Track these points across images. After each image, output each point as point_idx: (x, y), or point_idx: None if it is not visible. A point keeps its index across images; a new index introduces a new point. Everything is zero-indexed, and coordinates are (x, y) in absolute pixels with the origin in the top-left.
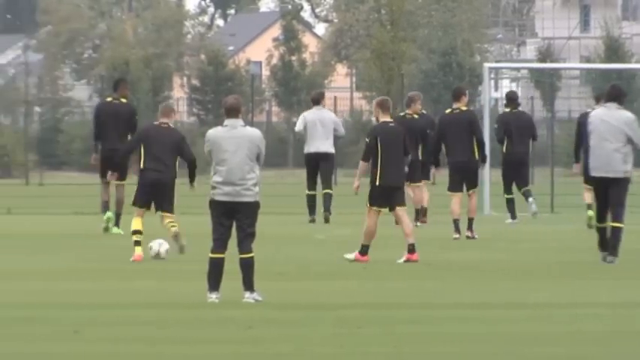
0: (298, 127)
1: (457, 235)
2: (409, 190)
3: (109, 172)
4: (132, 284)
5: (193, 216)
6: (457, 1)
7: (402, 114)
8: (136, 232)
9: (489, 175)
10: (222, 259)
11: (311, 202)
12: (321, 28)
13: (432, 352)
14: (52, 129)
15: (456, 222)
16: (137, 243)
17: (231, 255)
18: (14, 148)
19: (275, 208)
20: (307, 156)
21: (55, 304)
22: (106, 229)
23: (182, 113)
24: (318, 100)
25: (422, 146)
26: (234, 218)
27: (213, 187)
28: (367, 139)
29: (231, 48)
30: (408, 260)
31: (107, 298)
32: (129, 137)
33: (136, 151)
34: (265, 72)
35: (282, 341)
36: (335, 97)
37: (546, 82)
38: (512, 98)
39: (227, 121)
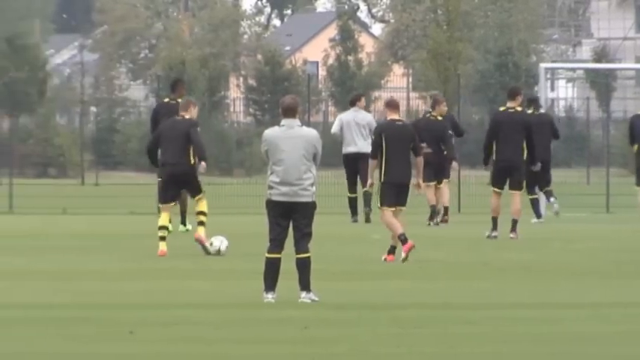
0: (334, 129)
1: (495, 233)
2: (426, 190)
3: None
4: (187, 284)
5: (250, 216)
6: (513, 2)
7: (426, 115)
8: (161, 228)
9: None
10: (278, 259)
11: (352, 203)
12: (377, 29)
13: (487, 352)
14: (108, 129)
15: (494, 220)
16: (162, 239)
17: (288, 255)
18: (70, 148)
19: (331, 208)
20: (345, 157)
21: (110, 305)
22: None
23: (238, 113)
24: (354, 102)
25: (444, 147)
26: (291, 218)
27: (270, 187)
28: (372, 136)
29: (287, 48)
30: (386, 260)
31: (162, 298)
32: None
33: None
34: (322, 72)
35: (337, 341)
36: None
37: (602, 83)
38: (532, 100)
39: (284, 121)
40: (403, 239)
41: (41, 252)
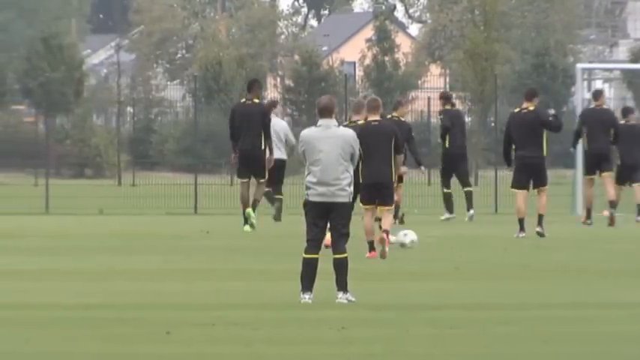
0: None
1: (522, 234)
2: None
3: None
4: (224, 285)
5: (287, 216)
6: (550, 2)
7: (392, 117)
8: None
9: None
10: (315, 260)
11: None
12: (414, 29)
13: (524, 352)
14: (145, 129)
15: (521, 221)
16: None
17: (325, 255)
18: (107, 148)
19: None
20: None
21: (147, 305)
22: (251, 225)
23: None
24: (269, 109)
25: (409, 148)
26: (328, 219)
27: (308, 188)
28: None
29: (324, 48)
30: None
31: (199, 298)
32: (262, 136)
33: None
34: (359, 72)
35: (374, 342)
36: (429, 98)
37: (639, 83)
38: (627, 109)
39: (321, 122)
40: (370, 246)
41: (78, 253)
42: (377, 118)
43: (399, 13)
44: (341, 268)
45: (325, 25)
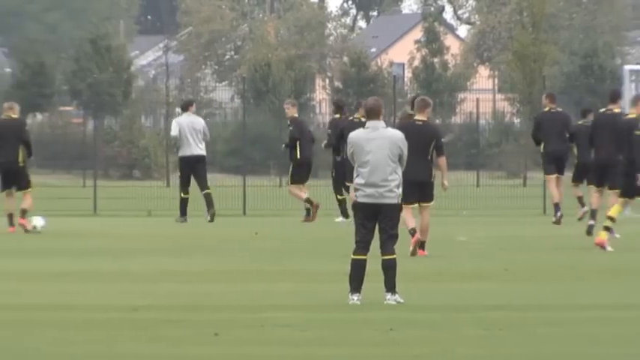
0: (174, 132)
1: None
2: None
3: None
4: (272, 286)
5: (335, 217)
6: (598, 4)
7: (350, 117)
8: None
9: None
10: (364, 261)
11: (185, 204)
12: (463, 30)
13: (572, 353)
14: None
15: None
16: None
17: (373, 257)
18: (155, 149)
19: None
20: (182, 159)
21: (195, 307)
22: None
23: (324, 115)
24: (186, 107)
25: None
26: (376, 220)
27: (356, 189)
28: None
29: (373, 50)
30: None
31: (247, 300)
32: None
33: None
34: (407, 74)
35: (422, 343)
36: (477, 99)
37: None
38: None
39: (368, 123)
40: (412, 233)
41: (126, 254)
42: (424, 118)
43: (448, 14)
44: (389, 269)
45: (374, 27)
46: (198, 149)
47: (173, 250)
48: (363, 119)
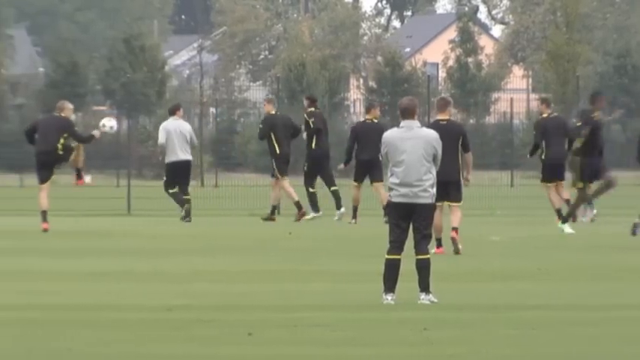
0: (161, 139)
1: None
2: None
3: None
4: (306, 286)
5: (369, 217)
6: (631, 4)
7: (361, 119)
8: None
9: None
10: (398, 261)
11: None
12: (497, 30)
13: (607, 353)
14: (228, 130)
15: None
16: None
17: (407, 257)
18: None
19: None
20: (172, 165)
21: (229, 306)
22: None
23: (359, 115)
24: (173, 112)
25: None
26: (410, 220)
27: (390, 189)
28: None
29: (407, 49)
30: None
31: (281, 300)
32: None
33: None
34: (442, 73)
35: (456, 343)
36: (511, 99)
37: None
38: (546, 100)
39: (403, 123)
40: (438, 242)
41: (160, 254)
42: (446, 116)
43: (482, 14)
44: (423, 269)
45: (408, 27)
46: (186, 154)
47: (207, 249)
48: (375, 120)
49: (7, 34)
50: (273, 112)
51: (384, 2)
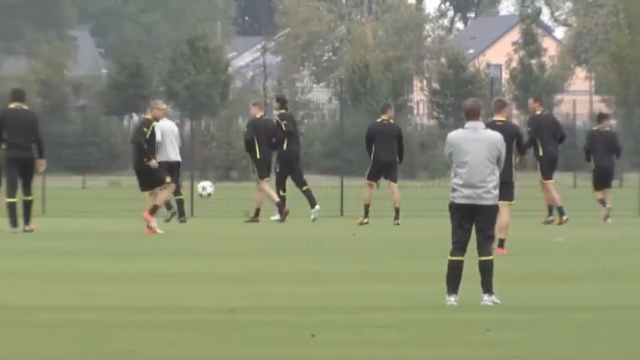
0: (158, 138)
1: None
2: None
3: None
4: (370, 287)
5: (433, 219)
6: None
7: (378, 120)
8: None
9: None
10: (461, 262)
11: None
12: (560, 32)
13: None
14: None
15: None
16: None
17: (470, 258)
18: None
19: (515, 211)
20: (163, 165)
21: (291, 308)
22: None
23: (422, 116)
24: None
25: (397, 148)
26: (473, 221)
27: (454, 190)
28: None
29: (471, 51)
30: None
31: (344, 301)
32: None
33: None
34: (505, 75)
35: (519, 344)
36: (574, 101)
37: None
38: (539, 98)
39: (468, 124)
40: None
41: (222, 255)
42: (503, 118)
43: (545, 16)
44: (487, 270)
45: (471, 28)
46: (177, 155)
47: (270, 251)
48: (391, 121)
49: (70, 36)
50: (258, 116)
51: (447, 4)
